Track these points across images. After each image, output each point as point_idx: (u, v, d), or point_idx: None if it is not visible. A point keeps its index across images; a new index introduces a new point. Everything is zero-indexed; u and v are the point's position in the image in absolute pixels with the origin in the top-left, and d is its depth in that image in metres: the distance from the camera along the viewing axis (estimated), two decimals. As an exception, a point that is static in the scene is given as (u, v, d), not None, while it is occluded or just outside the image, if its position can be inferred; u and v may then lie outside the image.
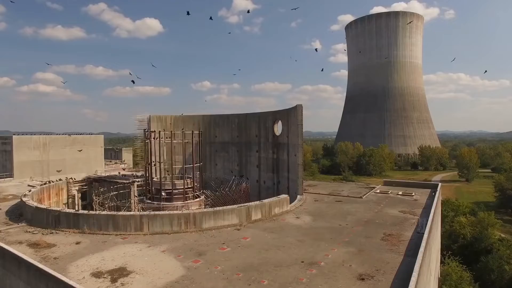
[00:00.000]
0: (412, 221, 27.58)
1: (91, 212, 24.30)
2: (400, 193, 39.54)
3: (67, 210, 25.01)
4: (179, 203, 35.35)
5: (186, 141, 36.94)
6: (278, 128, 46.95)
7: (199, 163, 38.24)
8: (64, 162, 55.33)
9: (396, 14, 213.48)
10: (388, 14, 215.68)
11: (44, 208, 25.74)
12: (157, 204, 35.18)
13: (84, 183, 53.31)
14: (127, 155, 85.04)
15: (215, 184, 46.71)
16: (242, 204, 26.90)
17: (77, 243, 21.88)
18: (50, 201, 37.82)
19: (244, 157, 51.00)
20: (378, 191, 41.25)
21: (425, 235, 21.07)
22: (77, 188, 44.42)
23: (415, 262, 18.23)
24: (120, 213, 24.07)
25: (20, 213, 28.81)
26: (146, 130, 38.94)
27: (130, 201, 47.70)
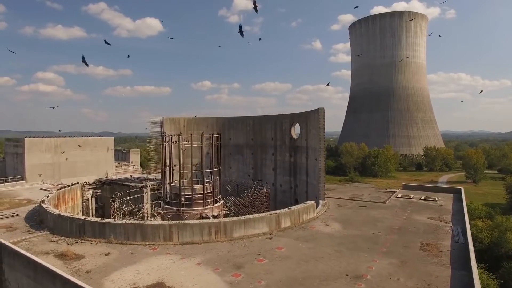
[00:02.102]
0: (445, 229, 26.75)
1: (117, 221, 23.45)
2: (423, 198, 38.71)
3: (92, 219, 24.16)
4: (199, 208, 34.51)
5: (206, 145, 36.00)
6: (295, 131, 46.13)
7: (218, 167, 37.35)
8: (75, 164, 54.46)
9: (400, 14, 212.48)
10: (392, 14, 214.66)
11: (68, 216, 24.89)
12: (176, 210, 34.29)
13: (95, 186, 52.53)
14: (135, 156, 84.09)
15: (231, 188, 45.88)
16: (271, 212, 26.06)
17: (106, 254, 21.03)
18: (65, 206, 36.99)
19: (259, 160, 50.14)
20: (399, 195, 40.42)
21: (471, 247, 20.27)
22: (91, 192, 43.52)
23: (465, 275, 17.50)
24: (148, 222, 23.23)
25: (40, 220, 27.95)
26: (164, 133, 38.00)
27: (144, 206, 46.80)
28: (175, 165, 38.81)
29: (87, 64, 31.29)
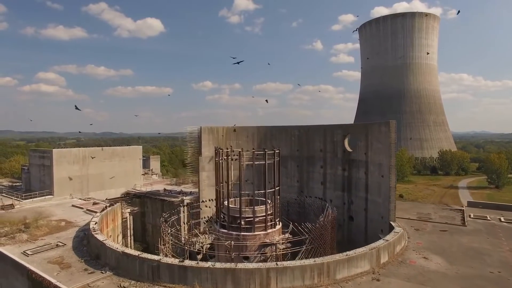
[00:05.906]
0: None
1: (202, 264, 19.61)
2: (503, 219, 35.00)
3: (169, 261, 20.32)
4: (261, 233, 30.80)
5: (269, 162, 32.06)
6: (349, 143, 42.41)
7: (279, 186, 33.51)
8: (102, 176, 50.57)
9: (412, 14, 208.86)
10: (403, 14, 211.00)
11: (136, 256, 21.05)
12: (236, 234, 30.53)
13: (127, 200, 48.72)
14: (155, 163, 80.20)
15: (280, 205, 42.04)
16: (371, 247, 22.34)
17: (199, 308, 17.27)
18: (108, 229, 33.17)
19: (305, 173, 46.33)
20: (472, 215, 36.73)
21: None
22: (129, 210, 39.61)
23: None
24: (240, 265, 19.41)
25: (96, 255, 24.12)
26: (218, 148, 34.09)
27: (182, 226, 42.83)
28: (232, 183, 34.93)
29: None
